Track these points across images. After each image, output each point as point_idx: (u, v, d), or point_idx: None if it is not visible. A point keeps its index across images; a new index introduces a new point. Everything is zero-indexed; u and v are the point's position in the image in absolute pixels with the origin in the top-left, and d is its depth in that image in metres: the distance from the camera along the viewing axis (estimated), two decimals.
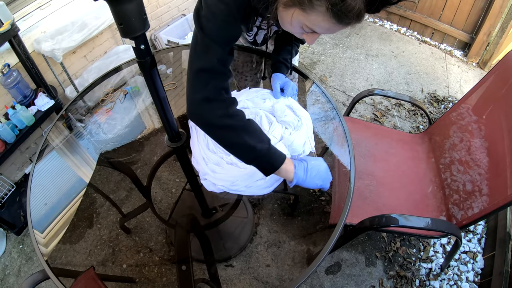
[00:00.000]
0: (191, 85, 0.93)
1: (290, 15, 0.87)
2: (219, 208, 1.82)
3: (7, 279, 2.06)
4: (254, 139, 0.96)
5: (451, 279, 1.93)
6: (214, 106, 0.92)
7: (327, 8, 0.77)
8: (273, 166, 1.01)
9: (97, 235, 1.99)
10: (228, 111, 0.94)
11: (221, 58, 0.92)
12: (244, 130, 0.95)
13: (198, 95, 0.91)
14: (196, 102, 0.92)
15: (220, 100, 0.93)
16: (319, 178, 1.07)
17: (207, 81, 0.91)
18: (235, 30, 0.94)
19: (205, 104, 0.92)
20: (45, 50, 2.21)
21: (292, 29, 0.94)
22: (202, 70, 0.91)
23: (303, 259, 1.93)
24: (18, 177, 2.51)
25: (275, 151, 1.01)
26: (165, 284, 1.85)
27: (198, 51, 0.92)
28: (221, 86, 0.93)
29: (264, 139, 0.98)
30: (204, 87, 0.91)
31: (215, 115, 0.92)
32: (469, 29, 3.38)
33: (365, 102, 2.97)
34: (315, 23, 0.84)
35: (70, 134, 1.85)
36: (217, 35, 0.90)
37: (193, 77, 0.92)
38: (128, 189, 2.08)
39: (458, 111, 1.78)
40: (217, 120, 0.93)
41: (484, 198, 1.43)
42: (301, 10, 0.83)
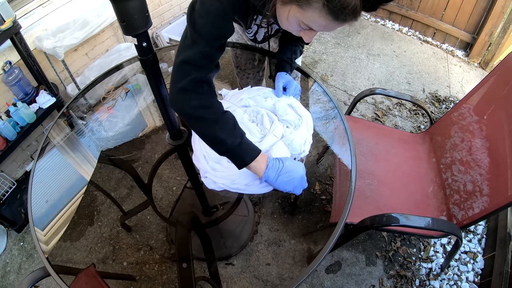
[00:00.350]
0: (173, 75, 0.96)
1: (287, 11, 0.88)
2: (220, 207, 1.82)
3: (7, 276, 2.06)
4: (225, 133, 0.97)
5: (451, 279, 1.93)
6: (190, 97, 0.95)
7: (323, 4, 0.77)
8: (243, 161, 1.02)
9: (97, 232, 1.99)
10: (203, 103, 0.96)
11: (206, 53, 0.94)
12: (217, 123, 0.96)
13: (177, 85, 0.94)
14: (175, 91, 0.95)
15: (197, 92, 0.95)
16: (290, 184, 1.06)
17: (187, 72, 0.94)
18: (225, 28, 0.96)
19: (182, 94, 0.94)
20: (47, 47, 2.21)
21: (289, 27, 0.95)
22: (185, 62, 0.93)
23: (304, 258, 1.93)
24: (19, 174, 2.51)
25: (248, 147, 1.02)
26: (165, 282, 1.86)
27: (186, 44, 0.94)
28: (201, 78, 0.95)
29: (236, 133, 1.00)
30: (184, 78, 0.93)
31: (189, 105, 0.95)
32: (471, 29, 3.37)
33: (366, 102, 2.97)
34: (312, 19, 0.84)
35: (72, 131, 1.85)
36: (206, 31, 0.92)
37: (176, 68, 0.95)
38: (129, 187, 2.08)
39: (460, 111, 1.78)
40: (191, 110, 0.95)
41: (484, 198, 1.43)
42: (298, 6, 0.83)
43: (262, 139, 1.20)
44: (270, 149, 1.16)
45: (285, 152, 1.16)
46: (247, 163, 1.02)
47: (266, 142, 1.18)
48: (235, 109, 1.30)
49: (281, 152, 1.15)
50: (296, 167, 1.08)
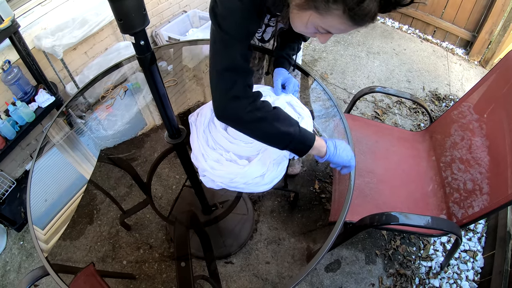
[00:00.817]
0: (218, 85, 0.94)
1: (305, 17, 0.87)
2: (219, 205, 1.82)
3: (7, 275, 2.06)
4: (285, 125, 0.98)
5: (451, 277, 1.93)
6: (242, 103, 0.93)
7: (343, 11, 0.78)
8: (307, 145, 1.03)
9: (97, 231, 1.99)
10: (255, 105, 0.95)
11: (242, 53, 0.93)
12: (275, 119, 0.97)
13: (228, 94, 0.92)
14: (227, 101, 0.93)
15: (247, 97, 0.94)
16: (347, 154, 1.09)
17: (233, 79, 0.92)
18: (252, 24, 0.95)
19: (234, 103, 0.93)
20: (46, 46, 2.20)
21: (305, 30, 0.95)
22: (227, 69, 0.92)
23: (303, 256, 1.93)
24: (18, 173, 2.51)
25: (305, 131, 1.03)
26: (165, 280, 1.86)
27: (219, 50, 0.93)
28: (246, 83, 0.95)
29: (293, 122, 1.00)
30: (231, 86, 0.92)
31: (246, 111, 0.94)
32: (471, 27, 3.36)
33: (366, 100, 2.96)
34: (331, 25, 0.85)
35: (71, 130, 1.85)
36: (235, 31, 0.91)
37: (219, 77, 0.93)
38: (128, 185, 2.08)
39: (459, 110, 1.78)
40: (247, 116, 0.94)
41: (484, 197, 1.42)
42: (317, 13, 0.83)
43: None
44: (268, 148, 1.15)
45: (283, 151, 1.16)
46: (311, 146, 1.03)
47: None
48: None
49: (280, 151, 1.14)
50: (345, 144, 1.11)
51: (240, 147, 1.17)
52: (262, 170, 1.13)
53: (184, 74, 2.44)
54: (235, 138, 1.20)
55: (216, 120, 1.26)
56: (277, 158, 1.13)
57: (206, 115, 1.29)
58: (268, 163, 1.13)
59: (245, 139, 1.20)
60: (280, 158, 1.14)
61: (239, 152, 1.17)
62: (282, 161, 1.16)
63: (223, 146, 1.20)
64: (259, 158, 1.15)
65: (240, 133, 1.20)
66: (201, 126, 1.26)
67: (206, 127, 1.26)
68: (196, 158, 1.23)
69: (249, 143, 1.19)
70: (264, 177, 1.14)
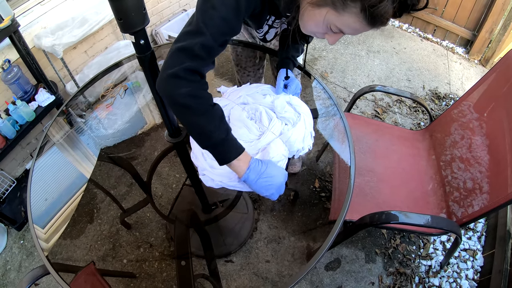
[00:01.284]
0: (167, 60, 0.92)
1: (319, 15, 0.88)
2: (219, 204, 1.82)
3: (8, 274, 2.06)
4: (212, 126, 0.93)
5: (451, 276, 1.93)
6: (180, 84, 0.90)
7: (361, 9, 0.80)
8: (226, 157, 0.99)
9: (97, 230, 2.00)
10: (193, 92, 0.91)
11: (208, 45, 0.90)
12: (204, 114, 0.93)
13: (169, 70, 0.89)
14: (165, 76, 0.90)
15: (188, 80, 0.90)
16: (268, 189, 1.04)
17: (182, 60, 0.89)
18: (234, 26, 0.94)
19: (172, 79, 0.90)
20: (46, 45, 2.20)
21: (316, 30, 0.95)
22: (183, 49, 0.90)
23: (303, 255, 1.93)
24: (19, 172, 2.51)
25: (232, 143, 0.99)
26: (165, 279, 1.86)
27: (189, 31, 0.91)
28: (195, 68, 0.91)
29: (222, 128, 0.96)
30: (178, 65, 0.89)
31: (178, 92, 0.90)
32: (471, 26, 3.36)
33: (366, 99, 2.96)
34: (346, 23, 0.86)
35: (71, 129, 1.85)
36: (214, 24, 0.89)
37: (172, 53, 0.91)
38: (128, 184, 2.09)
39: (460, 108, 1.78)
40: (179, 97, 0.90)
41: (484, 196, 1.42)
42: (334, 10, 0.84)
43: (260, 136, 1.19)
44: (267, 147, 1.15)
45: (282, 150, 1.15)
46: (230, 160, 0.99)
47: (264, 139, 1.17)
48: (233, 106, 1.30)
49: (279, 150, 1.14)
50: (278, 172, 1.06)
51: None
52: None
53: None
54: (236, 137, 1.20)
55: None
56: (276, 157, 1.13)
57: None
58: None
59: (246, 138, 1.19)
60: (278, 157, 1.14)
61: None
62: (281, 159, 1.16)
63: None
64: (258, 156, 1.14)
65: (240, 133, 1.20)
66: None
67: None
68: (196, 157, 1.23)
69: (249, 142, 1.19)
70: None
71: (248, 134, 1.20)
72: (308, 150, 1.25)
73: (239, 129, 1.21)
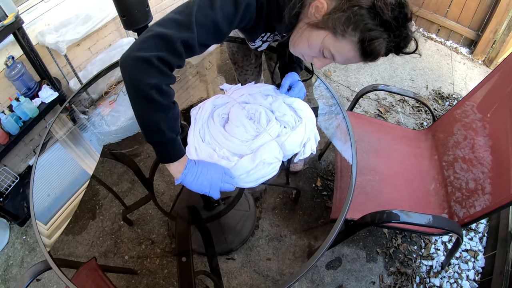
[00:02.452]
0: (144, 39, 0.84)
1: (316, 37, 0.90)
2: (221, 202, 1.82)
3: (10, 270, 2.08)
4: (166, 125, 0.91)
5: (452, 277, 1.93)
6: (151, 72, 0.84)
7: (359, 40, 0.85)
8: (169, 158, 0.98)
9: (99, 226, 2.01)
10: (161, 85, 0.86)
11: (189, 44, 0.86)
12: (163, 112, 0.90)
13: (143, 53, 0.82)
14: (137, 56, 0.83)
15: (160, 71, 0.85)
16: (203, 187, 1.04)
17: (160, 48, 0.83)
18: (222, 34, 0.92)
19: (144, 64, 0.83)
20: (49, 42, 2.21)
21: (307, 50, 0.96)
22: (164, 37, 0.83)
23: (304, 253, 1.93)
24: (21, 168, 2.52)
25: (178, 146, 0.99)
26: (166, 276, 1.87)
27: (177, 20, 0.85)
28: (169, 61, 0.86)
29: (175, 128, 0.95)
30: (155, 50, 0.83)
31: (147, 81, 0.84)
32: (476, 27, 3.35)
33: (369, 98, 2.96)
34: (341, 50, 0.89)
35: (74, 126, 1.85)
36: (205, 25, 0.86)
37: (152, 35, 0.84)
38: (130, 181, 2.09)
39: (463, 109, 1.77)
40: (146, 87, 0.85)
41: (486, 197, 1.42)
42: (333, 35, 0.87)
43: (255, 137, 1.19)
44: (260, 148, 1.14)
45: (276, 152, 1.14)
46: (171, 161, 0.99)
47: (259, 140, 1.17)
48: (234, 104, 1.30)
49: (272, 152, 1.13)
50: (213, 171, 1.06)
51: (235, 145, 1.17)
52: (250, 167, 1.12)
53: (187, 70, 2.44)
54: (232, 135, 1.20)
55: (215, 116, 1.26)
56: (268, 158, 1.12)
57: (207, 109, 1.29)
58: (257, 161, 1.12)
59: (241, 137, 1.19)
60: (271, 159, 1.13)
61: (233, 150, 1.17)
62: (274, 161, 1.15)
63: (218, 142, 1.19)
64: (250, 156, 1.14)
65: (237, 131, 1.20)
66: (200, 121, 1.26)
67: (205, 122, 1.26)
68: (189, 151, 1.22)
69: (245, 141, 1.19)
70: (249, 174, 1.13)
71: (244, 133, 1.20)
72: (312, 154, 1.24)
73: (236, 127, 1.21)
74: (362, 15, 0.82)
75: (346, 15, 0.83)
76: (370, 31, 0.83)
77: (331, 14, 0.85)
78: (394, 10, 0.81)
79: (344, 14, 0.83)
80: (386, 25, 0.83)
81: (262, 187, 2.21)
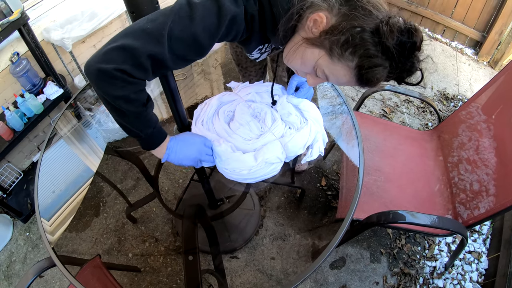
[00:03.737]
0: (108, 49, 0.77)
1: (311, 55, 0.84)
2: (225, 200, 1.82)
3: (13, 266, 2.08)
4: (140, 125, 0.93)
5: (455, 278, 1.92)
6: (115, 84, 0.79)
7: (356, 66, 0.77)
8: (149, 147, 1.02)
9: (103, 223, 2.01)
10: (127, 95, 0.82)
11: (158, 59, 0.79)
12: (135, 116, 0.89)
13: (104, 65, 0.76)
14: (99, 69, 0.77)
15: (126, 82, 0.80)
16: (185, 161, 1.10)
17: (124, 60, 0.77)
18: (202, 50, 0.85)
19: (106, 77, 0.78)
20: (55, 39, 2.21)
21: (300, 66, 0.90)
22: (129, 49, 0.76)
23: (308, 253, 1.93)
24: (25, 165, 2.53)
25: (157, 134, 1.00)
26: (170, 273, 1.87)
27: (146, 30, 0.77)
28: (133, 73, 0.79)
29: (151, 123, 0.95)
30: (116, 63, 0.76)
31: (112, 94, 0.81)
32: (481, 28, 3.34)
33: (374, 98, 2.95)
34: (335, 73, 0.83)
35: (79, 123, 1.85)
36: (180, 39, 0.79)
37: (116, 46, 0.77)
38: (135, 178, 2.09)
39: (468, 110, 1.77)
40: (112, 99, 0.82)
41: (490, 199, 1.42)
42: (329, 56, 0.80)
43: (259, 136, 1.19)
44: (264, 147, 1.14)
45: (279, 153, 1.14)
46: (152, 149, 1.03)
47: (262, 139, 1.17)
48: (240, 102, 1.30)
49: (275, 152, 1.13)
50: (191, 146, 1.10)
51: (239, 143, 1.17)
52: (252, 164, 1.12)
53: (193, 68, 2.44)
54: (235, 133, 1.20)
55: (220, 113, 1.26)
56: (270, 158, 1.12)
57: (212, 106, 1.29)
58: (260, 160, 1.12)
59: (245, 136, 1.19)
60: (273, 159, 1.13)
61: (237, 147, 1.17)
62: (275, 162, 1.15)
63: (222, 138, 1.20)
64: (253, 153, 1.14)
65: (241, 129, 1.20)
66: (205, 116, 1.26)
67: (209, 118, 1.26)
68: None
69: (248, 139, 1.19)
70: (251, 172, 1.13)
71: (249, 132, 1.20)
72: (320, 156, 1.23)
73: (241, 125, 1.21)
74: (363, 39, 0.74)
75: (345, 37, 0.75)
76: (369, 57, 0.75)
77: (329, 34, 0.77)
78: (402, 37, 0.72)
79: (343, 36, 0.75)
80: (388, 53, 0.74)
81: (267, 186, 2.21)
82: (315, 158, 1.21)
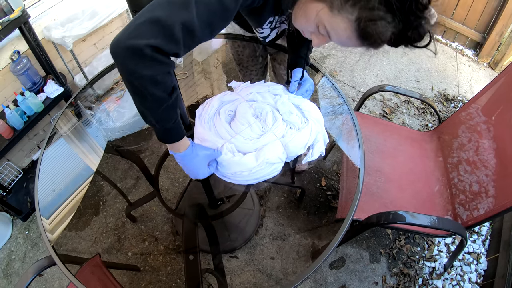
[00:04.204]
0: (137, 25, 0.75)
1: (313, 10, 0.83)
2: (225, 199, 1.82)
3: (12, 265, 2.08)
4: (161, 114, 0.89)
5: (454, 279, 1.93)
6: (144, 63, 0.76)
7: (356, 18, 0.75)
8: (165, 140, 0.99)
9: (103, 222, 2.01)
10: (155, 76, 0.79)
11: (189, 26, 0.76)
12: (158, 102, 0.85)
13: (134, 41, 0.73)
14: (128, 45, 0.74)
15: (155, 60, 0.76)
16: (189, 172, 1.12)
17: (155, 35, 0.74)
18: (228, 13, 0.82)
19: (135, 55, 0.75)
20: (55, 37, 2.21)
21: (304, 25, 0.90)
22: (158, 22, 0.74)
23: (308, 253, 1.93)
24: (25, 163, 2.52)
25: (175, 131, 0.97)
26: (169, 273, 1.87)
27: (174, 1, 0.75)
28: (165, 48, 0.76)
29: (171, 117, 0.92)
30: (147, 38, 0.73)
31: (140, 73, 0.78)
32: (481, 29, 3.34)
33: (374, 98, 2.95)
34: (336, 27, 0.81)
35: (79, 121, 1.85)
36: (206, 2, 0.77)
37: (145, 21, 0.74)
38: (135, 177, 2.09)
39: (468, 111, 1.77)
40: (140, 80, 0.80)
41: (490, 200, 1.42)
42: (329, 8, 0.79)
43: (260, 136, 1.19)
44: (264, 147, 1.14)
45: (279, 153, 1.14)
46: (168, 142, 0.99)
47: (263, 139, 1.17)
48: (241, 102, 1.30)
49: (276, 152, 1.13)
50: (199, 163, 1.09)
51: (240, 143, 1.17)
52: (253, 165, 1.12)
53: (194, 67, 2.44)
54: (236, 132, 1.20)
55: (222, 112, 1.26)
56: (271, 158, 1.12)
57: (214, 105, 1.29)
58: (261, 160, 1.12)
59: (246, 136, 1.19)
60: (274, 159, 1.13)
61: (238, 147, 1.17)
62: (276, 162, 1.15)
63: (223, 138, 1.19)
64: (253, 154, 1.14)
65: (242, 129, 1.20)
66: (206, 116, 1.26)
67: (211, 118, 1.26)
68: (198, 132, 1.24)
69: (249, 139, 1.19)
70: (252, 172, 1.13)
71: (250, 132, 1.20)
72: (320, 156, 1.23)
73: (242, 125, 1.21)
74: None
75: None
76: (370, 9, 0.72)
77: None
78: None
79: None
80: (390, 5, 0.71)
81: (267, 185, 2.21)
82: (316, 159, 1.21)
